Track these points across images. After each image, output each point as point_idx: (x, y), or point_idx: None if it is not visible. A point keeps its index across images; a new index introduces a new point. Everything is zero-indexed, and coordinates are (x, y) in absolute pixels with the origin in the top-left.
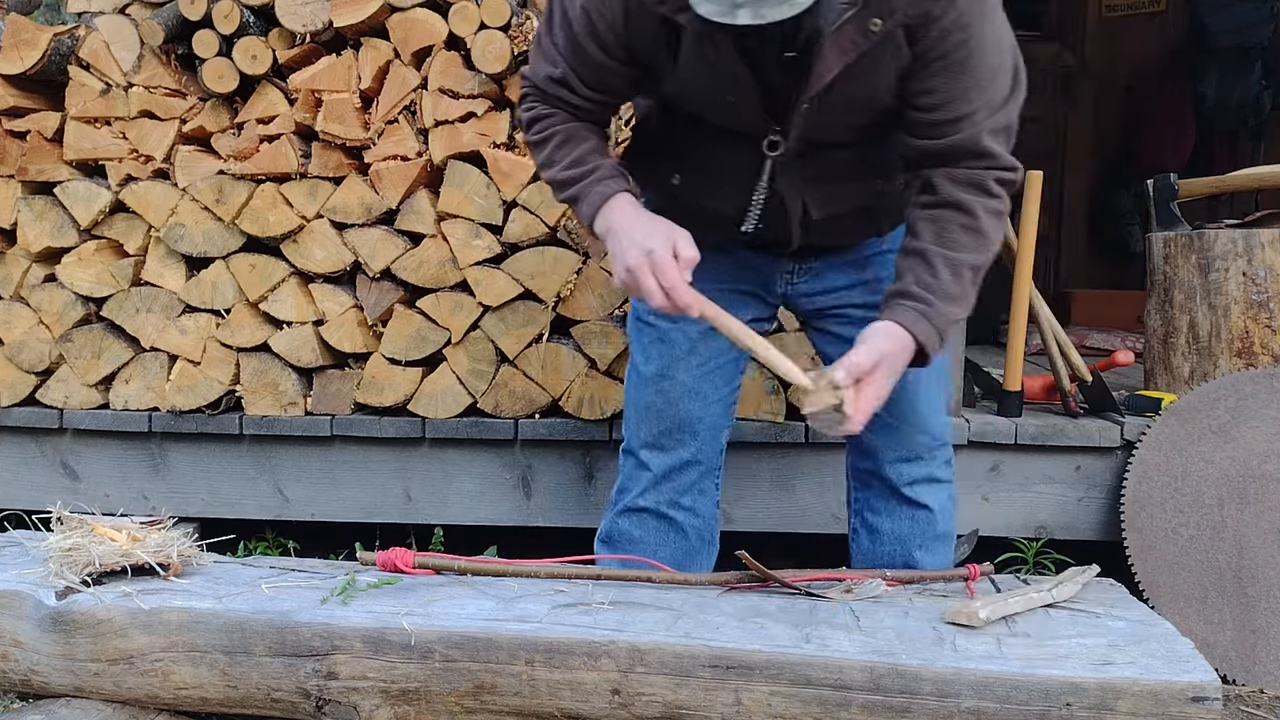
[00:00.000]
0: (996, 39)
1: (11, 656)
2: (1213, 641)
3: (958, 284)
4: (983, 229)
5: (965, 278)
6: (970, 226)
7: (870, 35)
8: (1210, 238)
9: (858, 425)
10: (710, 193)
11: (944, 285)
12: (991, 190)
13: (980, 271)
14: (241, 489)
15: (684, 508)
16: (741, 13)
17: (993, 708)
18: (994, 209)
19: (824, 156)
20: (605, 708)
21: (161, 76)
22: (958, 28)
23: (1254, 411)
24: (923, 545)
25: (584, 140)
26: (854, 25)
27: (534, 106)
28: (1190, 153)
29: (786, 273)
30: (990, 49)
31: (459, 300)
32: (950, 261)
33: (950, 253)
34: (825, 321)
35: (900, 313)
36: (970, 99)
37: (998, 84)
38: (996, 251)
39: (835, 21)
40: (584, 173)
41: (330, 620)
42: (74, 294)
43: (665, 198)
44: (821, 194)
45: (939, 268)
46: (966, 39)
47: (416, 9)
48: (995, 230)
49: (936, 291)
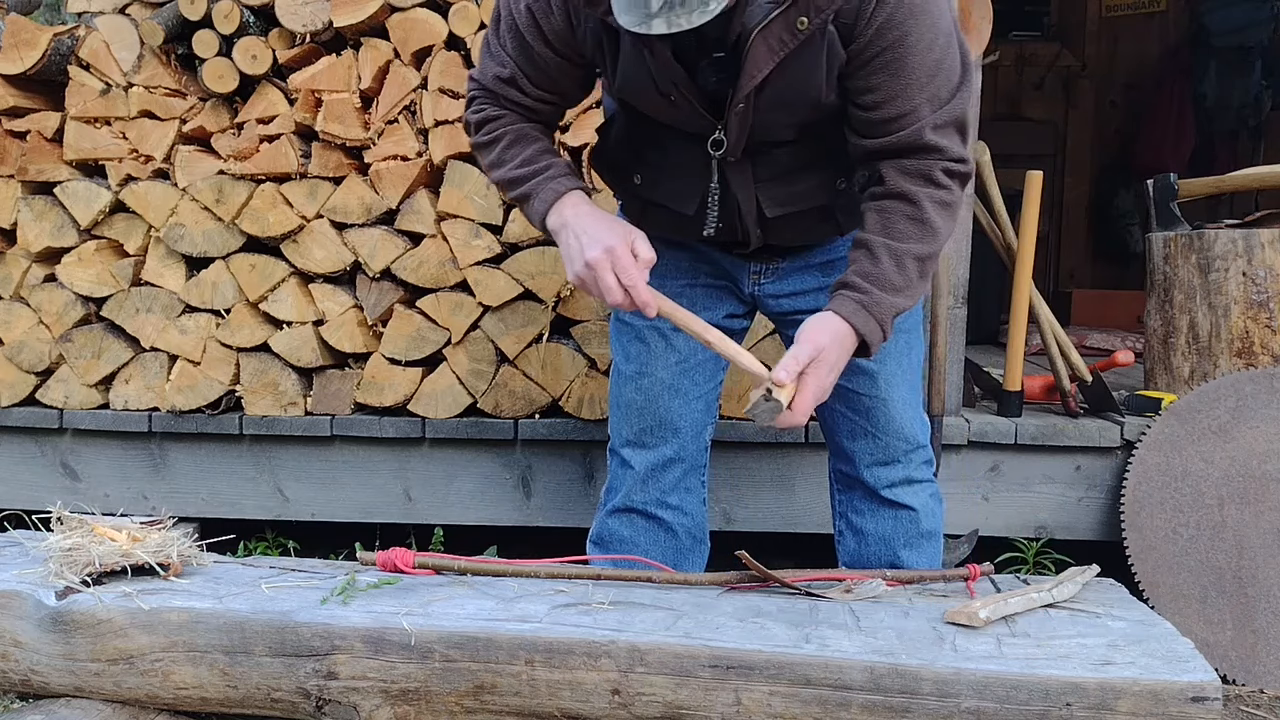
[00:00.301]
0: (934, 33)
1: (11, 656)
2: (1213, 641)
3: (900, 274)
4: (928, 219)
5: (909, 268)
6: (915, 217)
7: (798, 33)
8: (1210, 238)
9: (799, 419)
10: (668, 193)
11: (885, 275)
12: (938, 181)
13: (927, 262)
14: (241, 489)
15: (671, 507)
16: (656, 22)
17: (993, 708)
18: (940, 199)
19: (774, 155)
20: (605, 708)
21: (161, 76)
22: (892, 25)
23: (1254, 411)
24: (908, 544)
25: (534, 140)
26: (781, 23)
27: (482, 108)
28: (1190, 153)
29: (753, 273)
30: (929, 44)
31: (459, 300)
32: (893, 251)
33: (893, 242)
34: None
35: (839, 302)
36: (911, 95)
37: (940, 79)
38: (943, 242)
39: (762, 20)
40: (535, 170)
41: (330, 620)
42: (74, 294)
43: (630, 198)
44: (775, 193)
45: (881, 258)
46: (903, 35)
47: (416, 9)
48: (943, 220)
49: (877, 281)
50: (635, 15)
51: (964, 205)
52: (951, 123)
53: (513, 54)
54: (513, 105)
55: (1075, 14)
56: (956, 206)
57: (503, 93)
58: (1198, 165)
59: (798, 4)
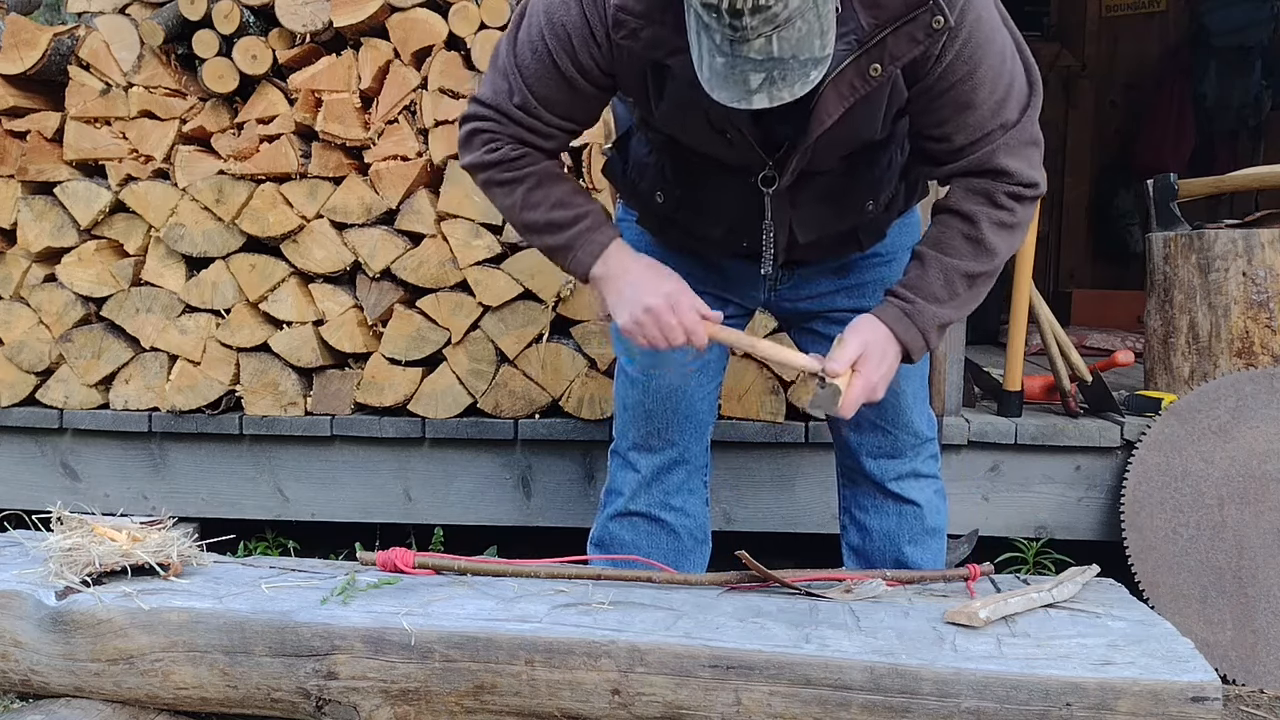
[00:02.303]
0: (1000, 59)
1: (11, 656)
2: (1213, 641)
3: (947, 288)
4: (983, 239)
5: (956, 284)
6: (971, 236)
7: (870, 80)
8: (1210, 238)
9: (847, 412)
10: (698, 217)
11: (931, 287)
12: (999, 202)
13: (979, 280)
14: (241, 489)
15: (674, 508)
16: (757, 98)
17: (993, 708)
18: (1000, 220)
19: (813, 183)
20: (605, 708)
21: (161, 76)
22: (960, 61)
23: (1254, 411)
24: (912, 540)
25: (560, 180)
26: (853, 70)
27: (495, 145)
28: (1190, 153)
29: (769, 280)
30: (996, 74)
31: (459, 300)
32: (944, 266)
33: (946, 258)
34: (811, 321)
35: (884, 309)
36: (982, 124)
37: (1009, 106)
38: (1001, 260)
39: (835, 68)
40: (573, 218)
41: (330, 620)
42: (74, 294)
43: (644, 210)
44: (809, 218)
45: (930, 270)
46: (971, 70)
47: (416, 9)
48: (1001, 239)
49: (922, 292)
50: (734, 92)
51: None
52: (1025, 144)
53: (534, 77)
54: (527, 134)
55: (1075, 14)
56: (1019, 227)
57: (516, 118)
58: (1198, 165)
59: (870, 51)
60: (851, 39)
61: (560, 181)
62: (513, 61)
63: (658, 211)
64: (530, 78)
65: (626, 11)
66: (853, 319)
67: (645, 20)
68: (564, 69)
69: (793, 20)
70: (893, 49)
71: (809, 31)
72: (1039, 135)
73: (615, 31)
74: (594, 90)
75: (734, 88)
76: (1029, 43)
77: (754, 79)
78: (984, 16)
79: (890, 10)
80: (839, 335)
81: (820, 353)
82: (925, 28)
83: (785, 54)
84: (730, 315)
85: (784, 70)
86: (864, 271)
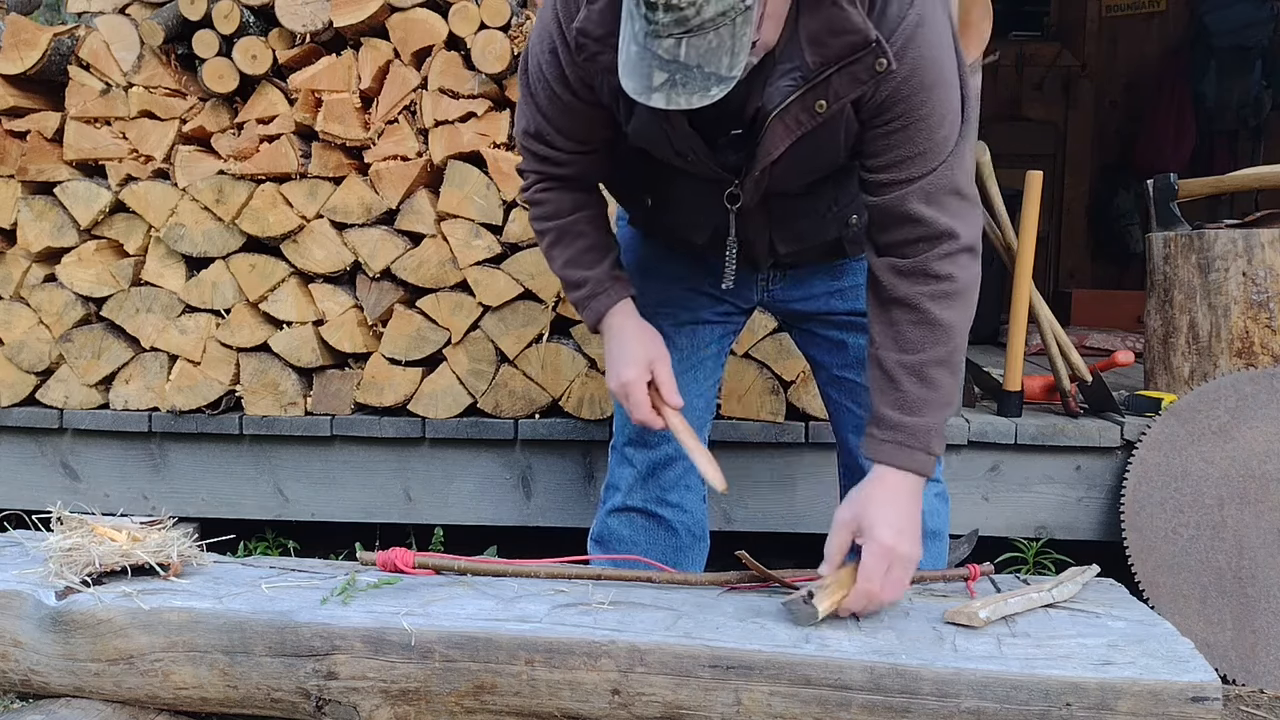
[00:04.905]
0: (938, 108)
1: (11, 656)
2: (1213, 641)
3: (926, 387)
4: (934, 320)
5: (931, 377)
6: (920, 321)
7: (816, 116)
8: (1210, 238)
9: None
10: (679, 222)
11: (909, 399)
12: (934, 272)
13: (950, 360)
14: (241, 489)
15: (671, 504)
16: (656, 96)
17: (993, 708)
18: (941, 293)
19: (789, 202)
20: (605, 708)
21: (161, 76)
22: (896, 102)
23: (1254, 411)
24: None
25: (575, 238)
26: (799, 106)
27: (531, 182)
28: (1190, 153)
29: (761, 280)
30: (928, 120)
31: (459, 300)
32: (909, 368)
33: (907, 356)
34: (808, 323)
35: (874, 448)
36: (905, 167)
37: (932, 154)
38: (962, 332)
39: (780, 104)
40: (580, 280)
41: (330, 620)
42: (74, 294)
43: (638, 214)
44: (788, 232)
45: (900, 380)
46: (905, 112)
47: (416, 9)
48: (952, 312)
49: (904, 408)
50: (638, 83)
51: (972, 285)
52: (941, 191)
53: (544, 105)
54: (548, 166)
55: (1075, 14)
56: (963, 293)
57: (536, 150)
58: (1198, 165)
59: (816, 88)
60: (797, 75)
61: (575, 240)
62: (526, 91)
63: (646, 214)
64: (538, 104)
65: (585, 35)
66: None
67: (602, 45)
68: (559, 91)
69: (704, 30)
70: (837, 87)
71: (719, 47)
72: (962, 185)
73: (577, 55)
74: (589, 108)
75: (639, 79)
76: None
77: (657, 76)
78: (928, 58)
79: (834, 51)
80: (845, 499)
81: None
82: (869, 69)
83: (691, 61)
84: (726, 313)
85: (687, 77)
86: (858, 274)
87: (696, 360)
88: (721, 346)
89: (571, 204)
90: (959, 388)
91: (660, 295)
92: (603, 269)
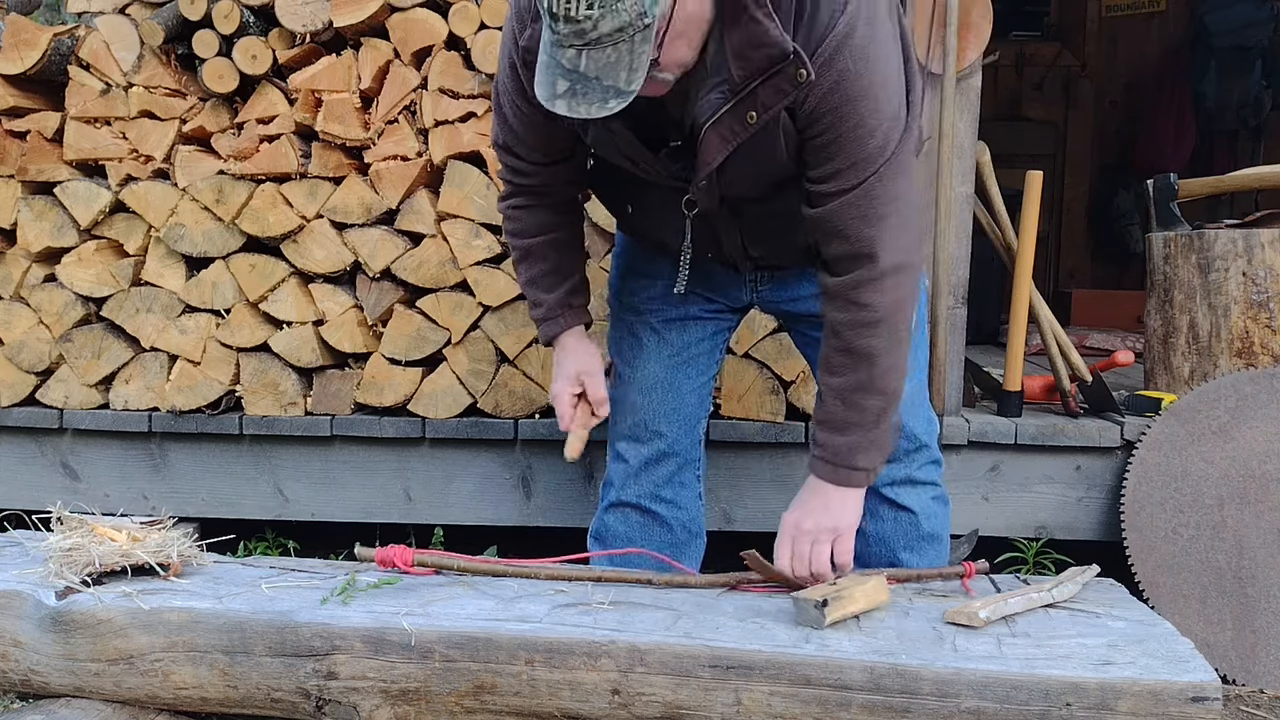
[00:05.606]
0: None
1: (11, 656)
2: (1213, 641)
3: (850, 410)
4: (853, 348)
5: (854, 401)
6: (841, 349)
7: (748, 127)
8: (1210, 238)
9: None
10: (651, 226)
11: (830, 415)
12: (854, 300)
13: (868, 388)
14: (241, 489)
15: (665, 500)
16: (559, 103)
17: (993, 708)
18: (862, 321)
19: (754, 207)
20: (605, 708)
21: (161, 76)
22: (824, 111)
23: (1254, 411)
24: (908, 546)
25: (537, 260)
26: (731, 117)
27: (507, 192)
28: (1190, 153)
29: (749, 282)
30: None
31: (459, 300)
32: (834, 390)
33: (831, 379)
34: (799, 324)
35: (810, 462)
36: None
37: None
38: (889, 358)
39: (711, 116)
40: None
41: (330, 620)
42: (74, 294)
43: (623, 222)
44: (758, 235)
45: (826, 399)
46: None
47: (416, 9)
48: (871, 341)
49: (827, 423)
50: (544, 89)
51: (897, 312)
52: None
53: (509, 118)
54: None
55: (1075, 14)
56: (884, 319)
57: (506, 161)
58: (1198, 165)
59: (744, 100)
60: (725, 88)
61: (537, 262)
62: (495, 104)
63: (629, 220)
64: (504, 117)
65: (530, 53)
66: None
67: None
68: (519, 104)
69: (603, 44)
70: (764, 98)
71: (617, 62)
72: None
73: (524, 71)
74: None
75: (545, 86)
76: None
77: (560, 84)
78: (854, 70)
79: (755, 64)
80: None
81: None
82: (790, 80)
83: (590, 73)
84: (718, 313)
85: (586, 87)
86: None
87: (688, 356)
88: (715, 343)
89: (537, 226)
90: (893, 404)
91: (648, 292)
92: (558, 294)
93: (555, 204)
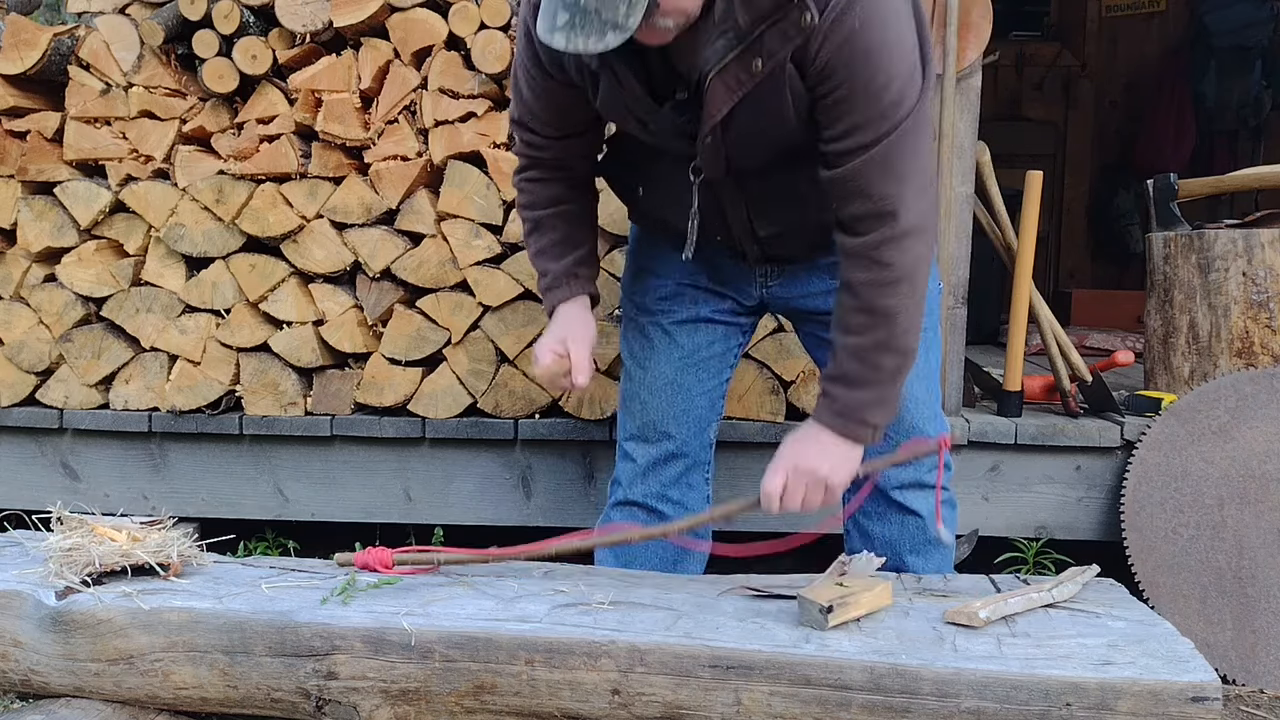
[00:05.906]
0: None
1: (11, 656)
2: (1213, 641)
3: (867, 369)
4: (873, 307)
5: (873, 360)
6: (861, 308)
7: (754, 75)
8: (1210, 238)
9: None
10: (662, 207)
11: (845, 373)
12: (876, 260)
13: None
14: (241, 489)
15: (672, 501)
16: (557, 36)
17: (993, 708)
18: (882, 281)
19: (763, 179)
20: (605, 708)
21: (161, 76)
22: (838, 64)
23: (1254, 411)
24: (914, 550)
25: (547, 231)
26: (737, 65)
27: (521, 166)
28: (1190, 153)
29: (760, 276)
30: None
31: (459, 300)
32: (850, 349)
33: (848, 338)
34: (808, 323)
35: (817, 412)
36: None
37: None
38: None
39: (718, 64)
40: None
41: (330, 620)
42: (74, 294)
43: (634, 209)
44: (767, 213)
45: (841, 358)
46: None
47: (416, 9)
48: (891, 300)
49: (840, 379)
50: (545, 22)
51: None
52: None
53: (525, 90)
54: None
55: (1075, 14)
56: (905, 278)
57: (521, 135)
58: (1198, 165)
59: (750, 47)
60: (731, 35)
61: (547, 233)
62: (514, 80)
63: (639, 204)
64: (521, 91)
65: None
66: None
67: None
68: (535, 73)
69: None
70: (769, 45)
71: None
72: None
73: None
74: (563, 88)
75: (546, 18)
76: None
77: (560, 16)
78: (868, 20)
79: (761, 9)
80: None
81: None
82: (795, 24)
83: (590, 6)
84: (731, 312)
85: (585, 20)
86: None
87: (699, 359)
88: (728, 346)
89: (550, 198)
90: (908, 361)
91: (659, 293)
92: (565, 263)
93: (568, 178)
